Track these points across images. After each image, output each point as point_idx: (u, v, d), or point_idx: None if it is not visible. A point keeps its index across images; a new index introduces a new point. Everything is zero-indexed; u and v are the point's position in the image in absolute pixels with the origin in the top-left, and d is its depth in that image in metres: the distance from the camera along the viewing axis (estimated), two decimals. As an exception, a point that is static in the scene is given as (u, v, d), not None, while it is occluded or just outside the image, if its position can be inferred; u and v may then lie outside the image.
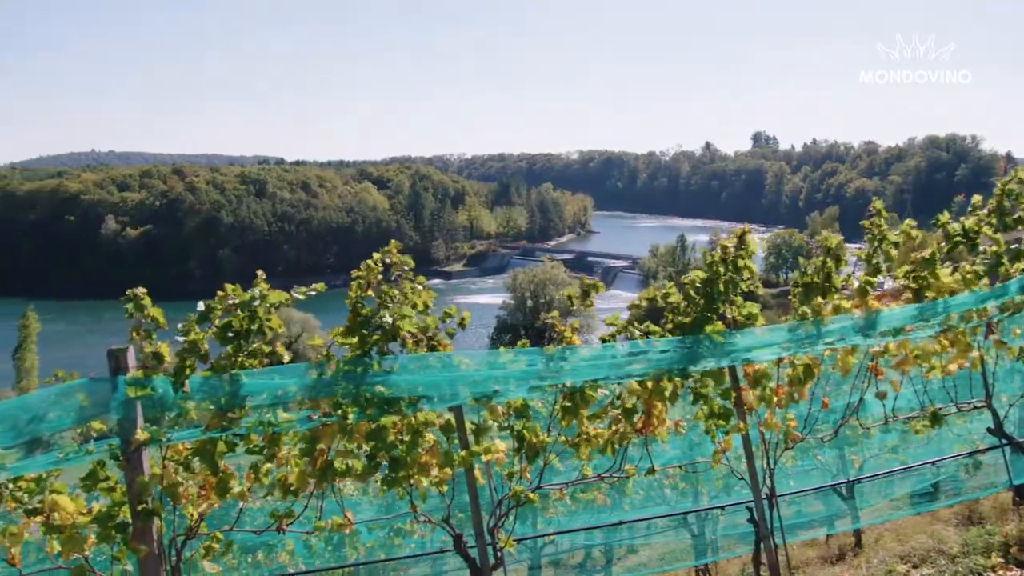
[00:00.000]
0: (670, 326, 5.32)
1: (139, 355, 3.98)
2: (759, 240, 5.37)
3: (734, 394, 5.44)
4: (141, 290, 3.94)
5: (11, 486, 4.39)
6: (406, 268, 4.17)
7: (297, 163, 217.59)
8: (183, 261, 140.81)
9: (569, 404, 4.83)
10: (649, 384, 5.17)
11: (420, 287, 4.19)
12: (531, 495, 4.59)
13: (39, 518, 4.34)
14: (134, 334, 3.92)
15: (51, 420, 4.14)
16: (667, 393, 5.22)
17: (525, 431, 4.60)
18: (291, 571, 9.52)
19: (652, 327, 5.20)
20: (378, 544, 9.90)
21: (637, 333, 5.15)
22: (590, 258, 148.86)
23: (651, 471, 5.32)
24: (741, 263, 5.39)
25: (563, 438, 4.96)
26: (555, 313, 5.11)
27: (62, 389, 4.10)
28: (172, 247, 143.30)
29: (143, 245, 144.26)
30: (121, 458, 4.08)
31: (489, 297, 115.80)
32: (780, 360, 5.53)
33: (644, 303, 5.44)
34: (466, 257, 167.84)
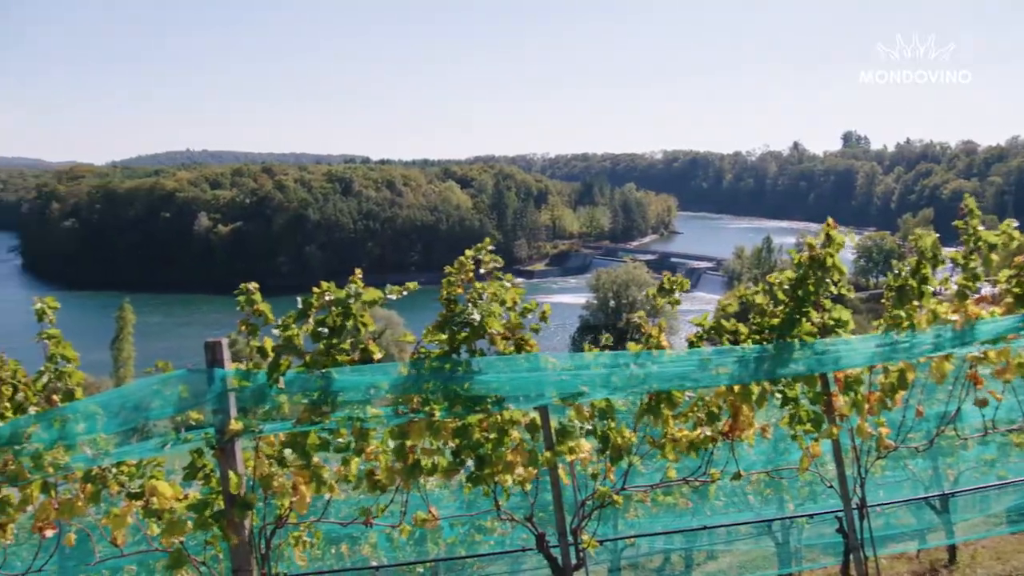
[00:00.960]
0: (757, 328, 5.23)
1: (245, 348, 4.12)
2: (847, 237, 5.19)
3: (824, 399, 5.31)
4: (254, 285, 4.07)
5: (114, 470, 4.58)
6: (495, 266, 4.20)
7: (382, 162, 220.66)
8: (271, 257, 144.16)
9: (654, 405, 4.79)
10: (736, 387, 5.09)
11: (508, 284, 4.21)
12: (616, 497, 4.57)
13: (139, 502, 4.52)
14: (242, 327, 4.06)
15: (152, 409, 4.31)
16: (754, 396, 5.13)
17: (610, 432, 4.58)
18: (373, 564, 9.67)
19: (741, 328, 5.11)
20: (459, 540, 9.99)
21: (725, 335, 5.08)
22: (673, 259, 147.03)
23: (737, 476, 5.24)
24: (829, 262, 5.24)
25: (648, 439, 4.92)
26: (641, 313, 5.08)
27: (162, 379, 4.26)
28: (261, 243, 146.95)
29: (233, 241, 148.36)
30: (216, 447, 4.22)
31: (571, 297, 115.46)
32: (872, 366, 5.37)
33: (733, 304, 5.36)
34: (548, 257, 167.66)
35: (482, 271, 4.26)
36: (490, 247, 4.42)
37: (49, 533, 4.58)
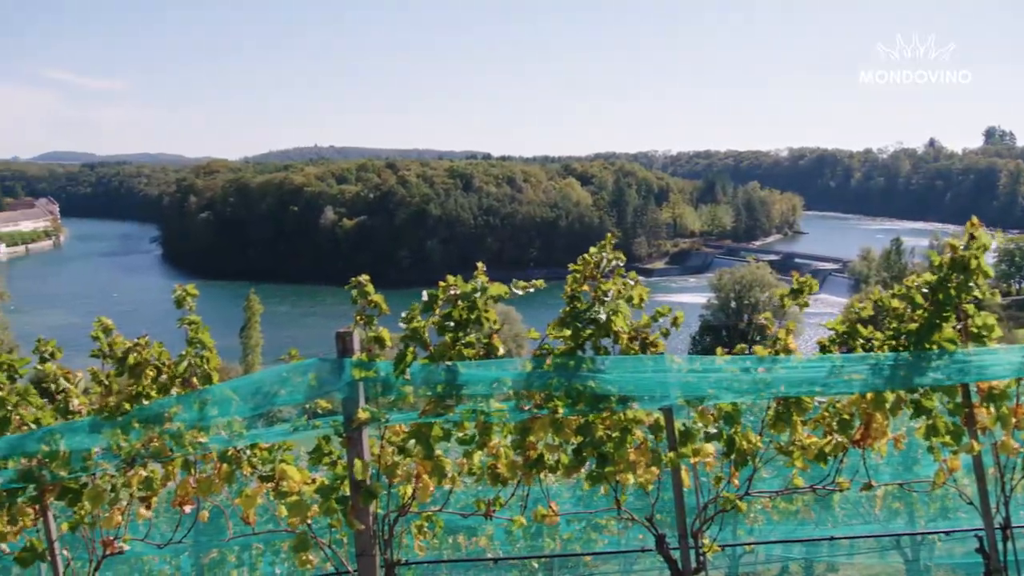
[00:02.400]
0: (893, 333, 5.00)
1: (362, 339, 4.21)
2: (992, 238, 4.88)
3: (965, 411, 5.03)
4: (364, 277, 4.17)
5: (248, 452, 4.77)
6: (619, 264, 4.15)
7: (503, 158, 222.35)
8: (393, 251, 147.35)
9: (783, 411, 4.64)
10: (869, 394, 4.88)
11: (634, 283, 4.16)
12: (739, 502, 4.46)
13: (270, 484, 4.69)
14: (357, 318, 4.15)
15: (283, 395, 4.47)
16: (888, 405, 4.90)
17: (736, 436, 4.47)
18: (489, 555, 9.76)
19: (876, 333, 4.90)
20: (574, 536, 9.98)
21: (858, 340, 4.88)
22: (797, 259, 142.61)
23: (867, 486, 5.03)
24: (974, 264, 4.94)
25: (775, 444, 4.78)
26: (768, 314, 4.94)
27: (294, 367, 4.41)
28: (383, 237, 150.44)
29: (357, 235, 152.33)
30: (343, 435, 4.34)
31: (691, 296, 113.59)
32: (1021, 378, 5.05)
33: (867, 308, 5.14)
34: (668, 255, 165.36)
35: (606, 269, 4.22)
36: (613, 243, 4.37)
37: (188, 509, 4.82)
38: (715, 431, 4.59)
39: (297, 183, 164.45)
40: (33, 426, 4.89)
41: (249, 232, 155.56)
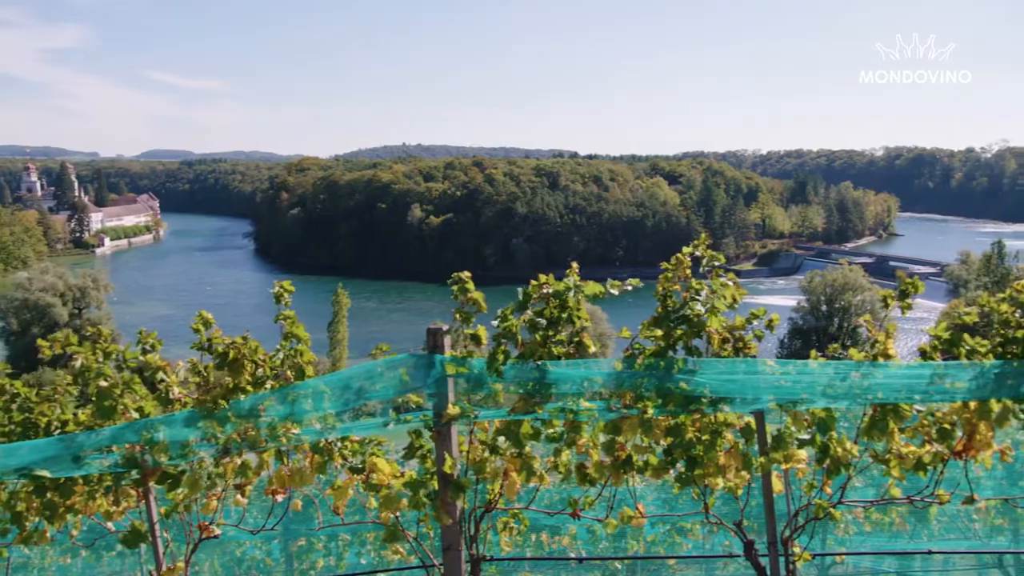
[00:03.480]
0: (1000, 340, 4.79)
1: (459, 336, 4.25)
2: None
3: (1078, 424, 4.79)
4: (466, 274, 4.20)
5: (339, 444, 4.87)
6: (715, 264, 4.08)
7: (590, 157, 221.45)
8: (479, 248, 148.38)
9: (879, 418, 4.50)
10: (973, 403, 4.69)
11: (730, 283, 4.08)
12: (833, 510, 4.34)
13: (360, 476, 4.78)
14: (456, 315, 4.19)
15: (375, 390, 4.54)
16: (994, 415, 4.70)
17: (831, 442, 4.34)
18: (572, 555, 9.74)
19: (981, 342, 4.70)
20: (658, 539, 9.87)
21: (962, 347, 4.69)
22: (892, 262, 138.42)
23: (970, 500, 4.84)
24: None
25: (872, 453, 4.63)
26: (867, 316, 4.79)
27: (386, 363, 4.47)
28: (469, 235, 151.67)
29: (443, 232, 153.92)
30: (433, 430, 4.39)
31: (779, 298, 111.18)
32: None
33: (972, 315, 4.94)
34: (756, 256, 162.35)
35: (703, 268, 4.15)
36: (707, 243, 4.30)
37: (280, 497, 4.95)
38: (808, 437, 4.48)
39: (385, 180, 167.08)
40: (136, 415, 5.09)
41: (338, 228, 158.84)
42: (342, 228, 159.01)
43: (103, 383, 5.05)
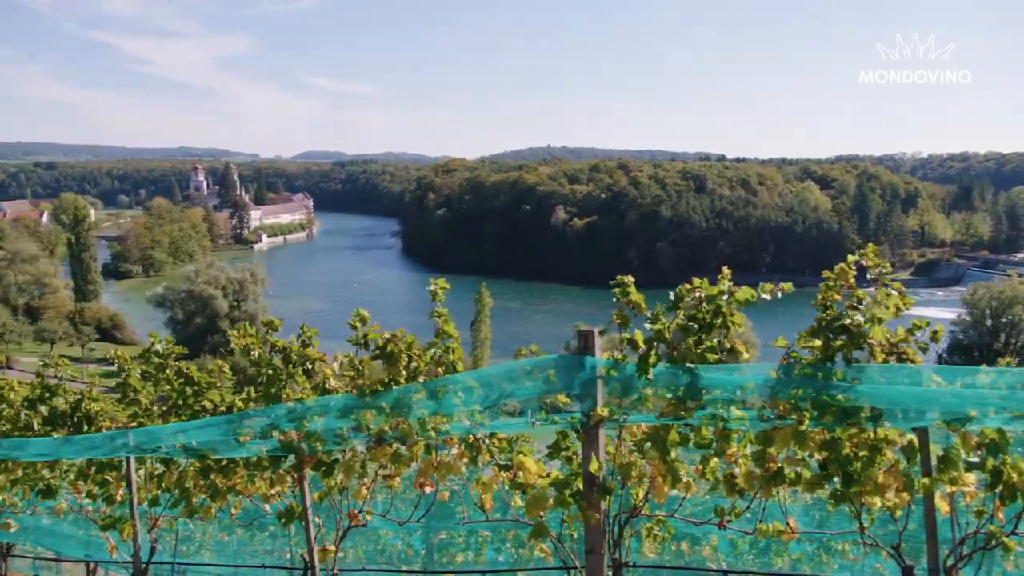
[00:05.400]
0: None
1: (618, 339, 4.25)
2: None
3: None
4: (629, 278, 4.20)
5: (487, 441, 4.96)
6: (883, 272, 3.90)
7: (738, 160, 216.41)
8: (622, 251, 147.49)
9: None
10: None
11: (896, 292, 3.89)
12: (1007, 540, 4.05)
13: (507, 474, 4.85)
14: (616, 318, 4.20)
15: (523, 388, 4.59)
16: None
17: (1005, 466, 4.06)
18: (712, 566, 9.53)
19: None
20: (804, 557, 9.53)
21: None
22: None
23: None
24: None
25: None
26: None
27: (535, 363, 4.52)
28: (613, 238, 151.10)
29: (587, 234, 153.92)
30: (580, 431, 4.40)
31: (937, 310, 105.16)
32: None
33: None
34: (914, 265, 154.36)
35: (868, 276, 3.97)
36: (875, 251, 4.10)
37: (428, 490, 5.08)
38: (977, 459, 4.19)
39: (530, 182, 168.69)
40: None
41: (483, 228, 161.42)
42: (487, 228, 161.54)
43: (270, 372, 5.37)
